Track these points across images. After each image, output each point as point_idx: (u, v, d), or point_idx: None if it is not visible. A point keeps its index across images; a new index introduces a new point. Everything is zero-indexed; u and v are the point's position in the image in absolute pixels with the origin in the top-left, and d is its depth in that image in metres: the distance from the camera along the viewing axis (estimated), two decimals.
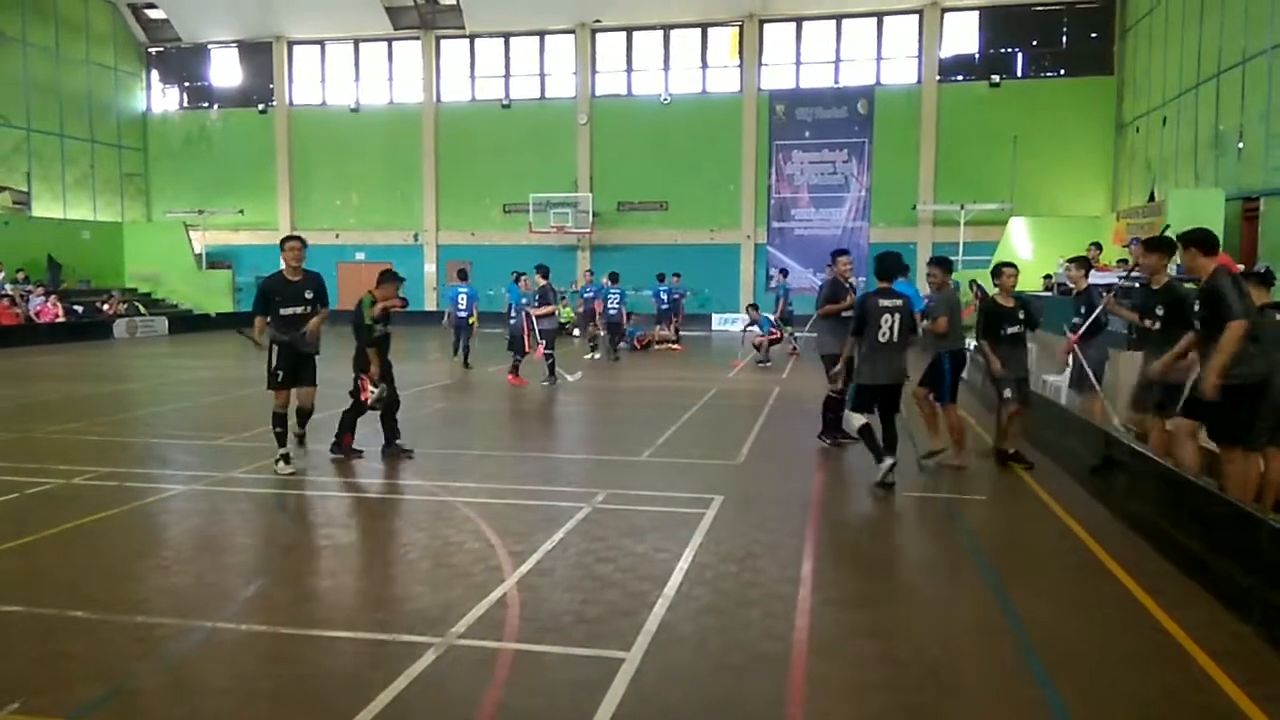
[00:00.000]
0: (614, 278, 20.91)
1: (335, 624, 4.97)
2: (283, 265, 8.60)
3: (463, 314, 18.18)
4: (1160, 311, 7.06)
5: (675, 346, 23.25)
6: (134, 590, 5.52)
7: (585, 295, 20.36)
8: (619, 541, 6.43)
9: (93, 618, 5.00)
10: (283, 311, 8.48)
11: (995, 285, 9.04)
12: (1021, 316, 8.78)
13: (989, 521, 7.20)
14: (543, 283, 15.47)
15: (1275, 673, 4.37)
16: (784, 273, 22.87)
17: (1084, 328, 8.87)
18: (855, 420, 8.36)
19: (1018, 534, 6.99)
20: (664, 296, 23.63)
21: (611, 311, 20.56)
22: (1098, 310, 8.79)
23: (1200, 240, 6.19)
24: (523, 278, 16.53)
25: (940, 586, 5.86)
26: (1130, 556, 6.10)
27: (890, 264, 8.35)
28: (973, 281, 24.20)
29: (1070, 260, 9.80)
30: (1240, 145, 18.43)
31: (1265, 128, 17.20)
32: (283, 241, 8.73)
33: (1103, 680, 4.37)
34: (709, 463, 9.32)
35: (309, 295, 8.61)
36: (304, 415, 8.87)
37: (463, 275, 18.96)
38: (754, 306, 20.79)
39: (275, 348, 8.52)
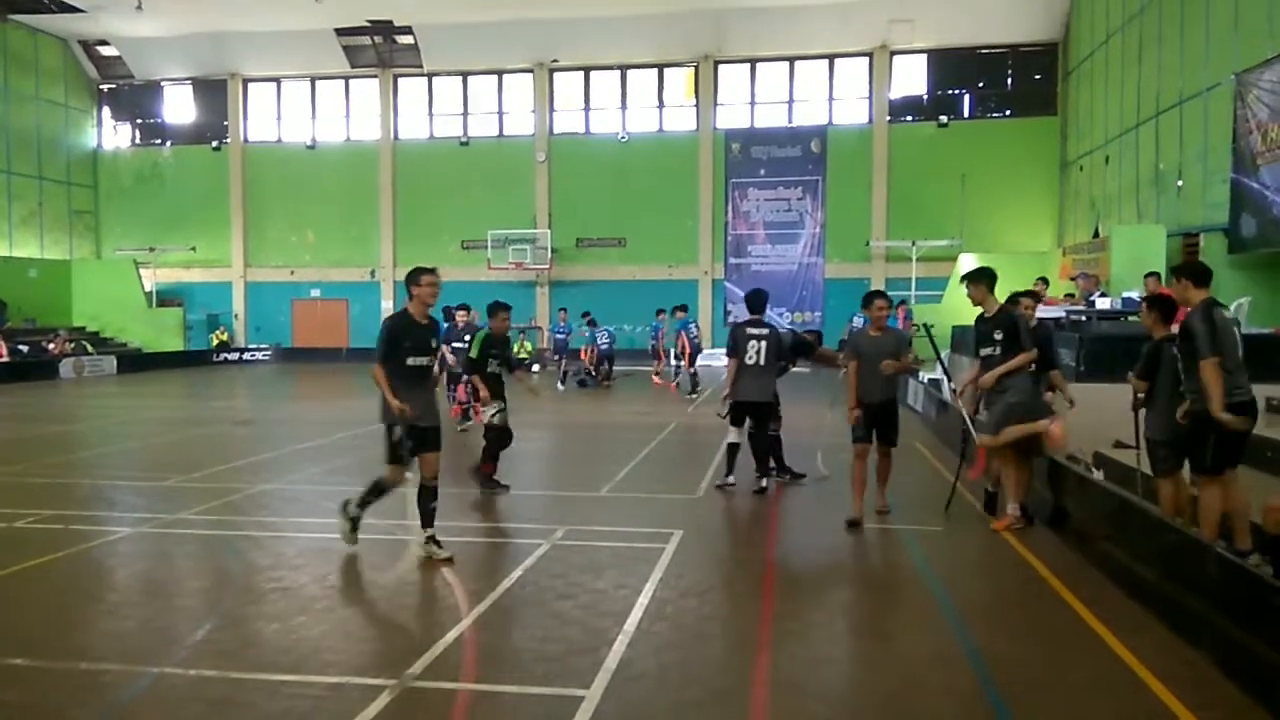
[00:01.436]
0: (589, 317, 22.67)
1: (286, 667, 4.85)
2: (412, 305, 6.96)
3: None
4: (999, 336, 7.55)
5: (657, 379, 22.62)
6: (78, 636, 5.36)
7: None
8: (578, 578, 6.39)
9: (35, 665, 4.84)
10: (410, 362, 6.81)
11: None
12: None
13: (945, 552, 7.26)
14: (468, 318, 14.14)
15: (1224, 697, 4.44)
16: (683, 308, 21.22)
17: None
18: (730, 434, 9.41)
19: (973, 564, 7.05)
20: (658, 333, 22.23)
21: (603, 346, 22.27)
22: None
23: (1192, 272, 6.29)
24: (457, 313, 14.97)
25: (898, 617, 5.89)
26: (1083, 584, 6.18)
27: (757, 300, 9.63)
28: (901, 303, 24.57)
29: (1019, 294, 9.75)
30: (1179, 183, 19.02)
31: (1203, 166, 17.79)
32: (417, 275, 6.94)
33: (1058, 708, 4.41)
34: (668, 497, 9.31)
35: (434, 344, 7.11)
36: (428, 491, 6.95)
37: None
38: (682, 308, 21.00)
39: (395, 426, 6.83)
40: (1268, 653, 4.32)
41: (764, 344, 9.12)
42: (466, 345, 13.51)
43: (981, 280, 7.77)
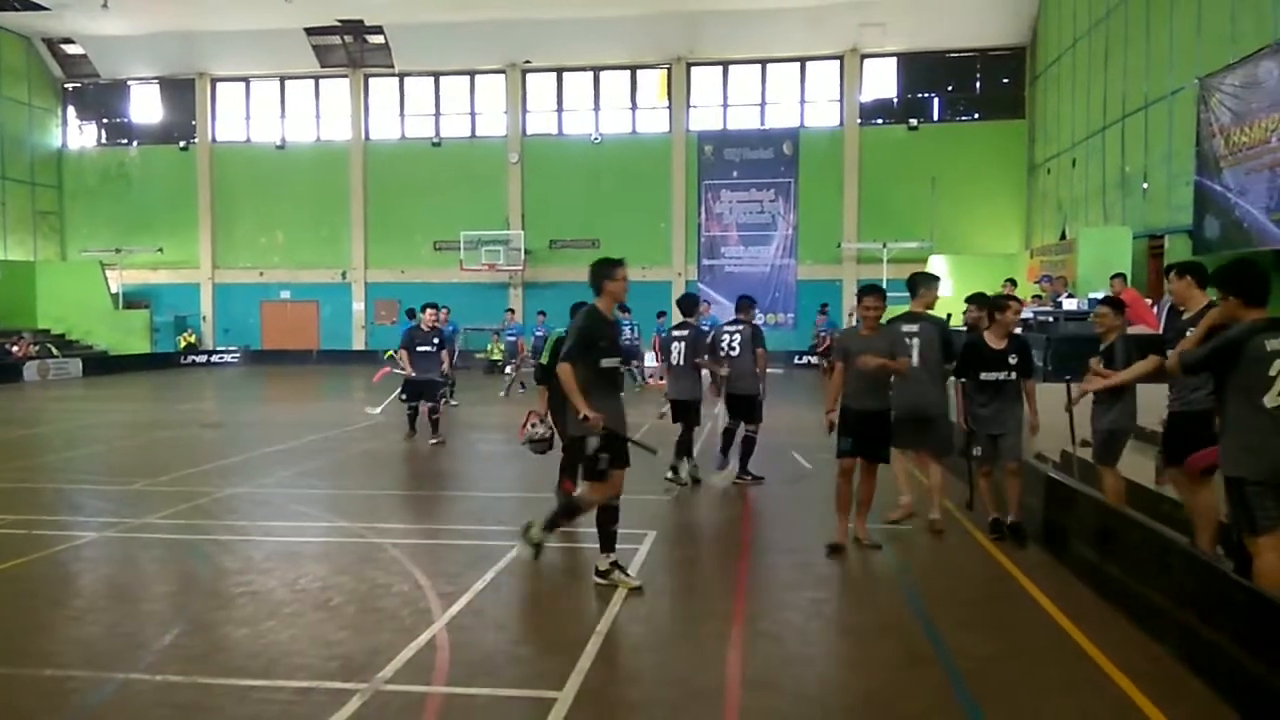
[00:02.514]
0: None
1: (255, 672, 4.80)
2: (601, 301, 6.24)
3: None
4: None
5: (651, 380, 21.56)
6: (43, 642, 5.27)
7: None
8: (552, 579, 6.37)
9: None
10: (604, 364, 6.12)
11: (995, 319, 7.67)
12: (1013, 361, 7.46)
13: (917, 552, 7.31)
14: (435, 318, 13.31)
15: (1189, 692, 4.51)
16: (625, 309, 20.40)
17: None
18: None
19: (945, 564, 7.10)
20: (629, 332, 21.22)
21: (509, 340, 22.74)
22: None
23: (1198, 271, 6.33)
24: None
25: (870, 617, 5.92)
26: (1053, 583, 6.25)
27: (686, 303, 10.17)
28: (824, 305, 24.48)
29: (969, 300, 9.35)
30: (1145, 186, 19.30)
31: (1167, 169, 18.05)
32: (610, 268, 6.18)
33: (1028, 706, 4.45)
34: (642, 498, 9.28)
35: (620, 343, 6.51)
36: (609, 511, 6.23)
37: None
38: (624, 309, 20.81)
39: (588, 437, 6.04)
40: (1232, 648, 4.39)
41: (683, 345, 9.63)
42: (434, 348, 13.14)
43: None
